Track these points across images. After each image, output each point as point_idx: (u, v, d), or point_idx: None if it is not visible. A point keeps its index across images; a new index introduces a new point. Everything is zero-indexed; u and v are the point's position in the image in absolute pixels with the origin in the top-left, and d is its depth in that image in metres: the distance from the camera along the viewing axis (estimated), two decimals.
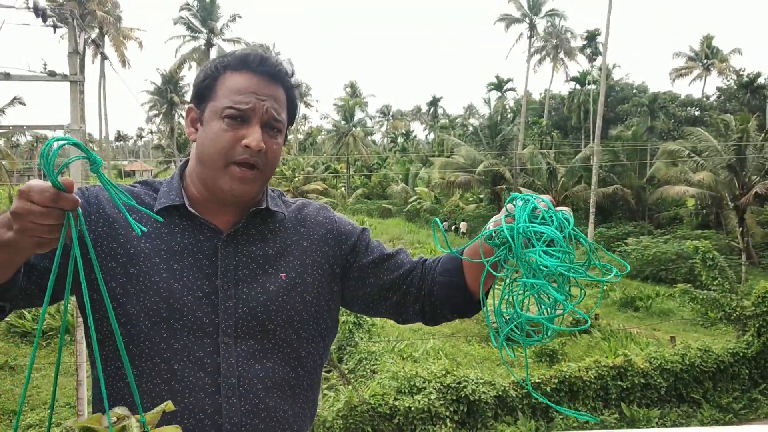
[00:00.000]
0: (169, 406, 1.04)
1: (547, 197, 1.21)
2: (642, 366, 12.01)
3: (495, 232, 1.21)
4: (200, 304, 1.30)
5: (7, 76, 8.30)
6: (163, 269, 1.30)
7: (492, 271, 1.21)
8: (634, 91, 53.12)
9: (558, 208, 1.21)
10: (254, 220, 1.40)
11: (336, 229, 1.50)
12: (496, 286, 1.22)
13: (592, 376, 11.55)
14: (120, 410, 0.98)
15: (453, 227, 39.09)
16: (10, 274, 1.12)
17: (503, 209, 1.26)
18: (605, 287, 22.66)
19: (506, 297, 1.19)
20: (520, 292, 1.17)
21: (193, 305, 1.29)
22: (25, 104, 32.89)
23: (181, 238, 1.34)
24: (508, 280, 1.19)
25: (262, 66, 1.34)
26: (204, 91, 1.35)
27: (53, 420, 1.08)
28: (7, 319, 16.91)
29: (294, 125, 1.46)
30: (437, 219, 1.34)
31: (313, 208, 1.52)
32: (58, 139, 0.91)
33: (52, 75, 8.24)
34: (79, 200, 0.97)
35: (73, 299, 1.33)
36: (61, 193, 0.94)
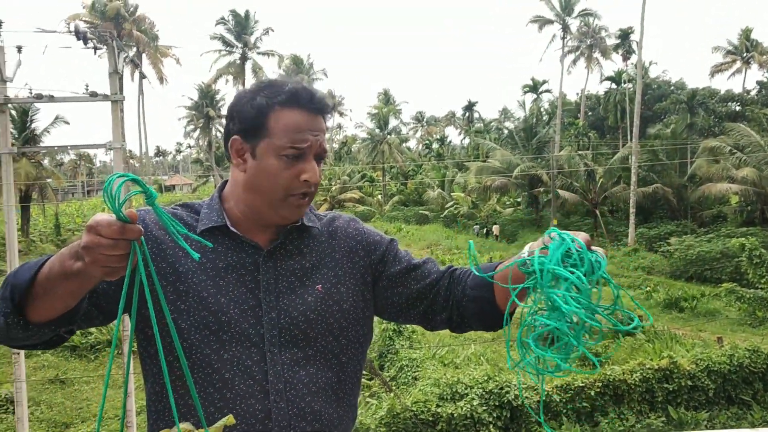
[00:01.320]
0: (230, 420, 1.10)
1: (583, 237, 1.24)
2: (688, 368, 11.79)
3: (527, 262, 1.24)
4: (246, 317, 1.39)
5: (51, 98, 8.56)
6: (210, 285, 1.39)
7: (517, 301, 1.24)
8: (672, 88, 52.24)
9: (594, 248, 1.24)
10: (291, 235, 1.49)
11: (365, 240, 1.58)
12: (523, 311, 1.26)
13: (637, 379, 11.37)
14: (185, 426, 1.04)
15: (485, 230, 38.93)
16: (78, 300, 1.20)
17: (540, 239, 1.29)
18: (647, 288, 22.42)
19: (527, 326, 1.21)
20: (540, 326, 1.19)
21: (239, 318, 1.38)
22: (68, 123, 33.74)
23: (224, 255, 1.43)
24: (532, 311, 1.21)
25: (312, 103, 1.41)
26: (255, 127, 1.40)
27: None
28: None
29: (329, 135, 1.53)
30: (471, 243, 1.34)
31: (343, 220, 1.61)
32: (119, 176, 0.98)
33: (93, 96, 8.47)
34: (142, 230, 1.04)
35: (127, 318, 1.41)
36: (126, 225, 1.01)
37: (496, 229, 37.93)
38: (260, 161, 1.40)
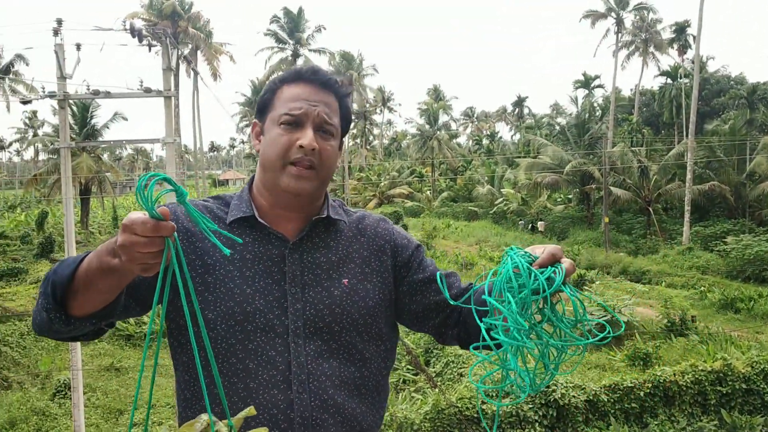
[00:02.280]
0: (251, 411, 1.12)
1: (549, 250, 1.25)
2: (743, 370, 11.47)
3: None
4: (271, 308, 1.42)
5: (107, 95, 8.83)
6: (236, 276, 1.43)
7: (483, 328, 1.25)
8: (731, 83, 50.65)
9: (564, 261, 1.24)
10: (317, 228, 1.51)
11: (393, 240, 1.59)
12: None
13: (689, 381, 11.12)
14: (206, 417, 1.07)
15: (530, 226, 38.55)
16: (116, 294, 1.26)
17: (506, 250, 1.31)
18: (702, 288, 21.85)
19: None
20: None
21: (264, 308, 1.41)
22: (126, 119, 34.61)
23: (252, 246, 1.46)
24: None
25: (314, 75, 1.47)
26: (265, 105, 1.50)
27: (152, 419, 1.21)
28: None
29: (376, 124, 1.55)
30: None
31: (372, 219, 1.63)
32: (151, 176, 1.02)
33: (147, 91, 8.71)
34: (175, 227, 1.07)
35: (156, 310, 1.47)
36: (160, 223, 1.04)
37: (541, 225, 37.57)
38: (266, 134, 1.47)
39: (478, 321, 1.25)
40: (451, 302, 1.41)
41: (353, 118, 1.66)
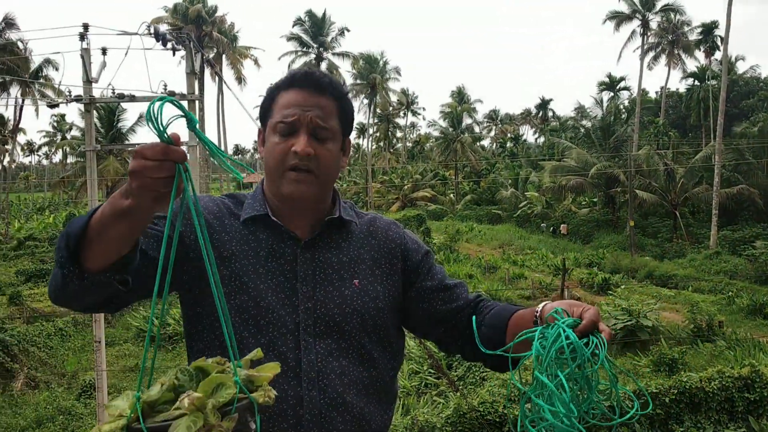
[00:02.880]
0: (258, 353, 1.13)
1: (589, 317, 1.23)
2: None
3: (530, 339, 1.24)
4: (283, 304, 1.44)
5: (132, 98, 8.94)
6: (251, 271, 1.45)
7: (517, 384, 1.26)
8: (761, 84, 49.93)
9: (602, 328, 1.22)
10: (329, 228, 1.53)
11: (404, 244, 1.60)
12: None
13: (715, 387, 10.93)
14: (217, 358, 1.08)
15: (552, 229, 38.32)
16: (131, 245, 1.21)
17: (557, 302, 1.30)
18: (729, 293, 21.52)
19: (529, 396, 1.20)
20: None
21: (276, 305, 1.43)
22: None
23: (265, 244, 1.48)
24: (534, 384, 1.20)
25: (306, 80, 1.47)
26: (264, 113, 1.52)
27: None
28: (135, 324, 17.96)
29: (399, 127, 1.53)
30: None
31: (383, 222, 1.63)
32: (160, 99, 1.00)
33: (171, 95, 8.77)
34: (187, 154, 1.06)
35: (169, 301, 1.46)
36: (170, 147, 1.03)
37: (564, 228, 37.36)
38: (267, 142, 1.49)
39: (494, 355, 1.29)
40: (483, 350, 1.35)
41: (375, 121, 1.66)
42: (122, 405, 0.99)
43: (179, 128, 1.06)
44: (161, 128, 1.00)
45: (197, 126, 1.07)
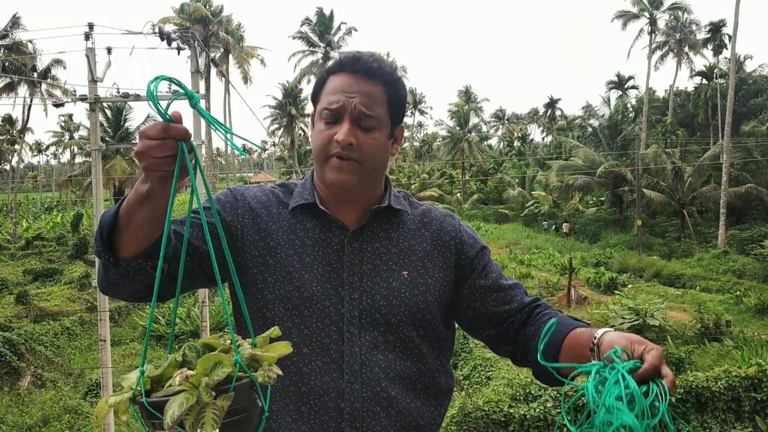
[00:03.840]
0: (276, 332, 1.12)
1: (651, 360, 1.12)
2: None
3: (586, 376, 1.15)
4: (328, 295, 1.41)
5: (137, 97, 8.96)
6: (296, 261, 1.43)
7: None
8: None
9: (665, 373, 1.11)
10: (378, 218, 1.49)
11: (459, 237, 1.54)
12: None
13: (722, 387, 10.88)
14: (236, 336, 1.07)
15: (554, 227, 38.26)
16: (159, 230, 1.19)
17: (618, 335, 1.21)
18: (737, 293, 21.41)
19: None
20: None
21: (321, 295, 1.41)
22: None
23: (312, 233, 1.46)
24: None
25: (354, 65, 1.42)
26: (314, 98, 1.48)
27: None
28: (142, 323, 17.99)
29: (406, 126, 1.49)
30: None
31: (438, 213, 1.58)
32: (160, 78, 1.00)
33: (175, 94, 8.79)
34: (189, 132, 1.05)
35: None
36: (170, 125, 1.03)
37: (566, 226, 37.32)
38: (315, 128, 1.46)
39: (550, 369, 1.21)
40: (541, 362, 1.26)
41: None
42: (133, 378, 1.01)
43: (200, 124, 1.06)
44: (160, 107, 1.00)
45: (199, 103, 1.07)
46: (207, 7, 42.59)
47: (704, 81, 48.19)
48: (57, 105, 11.42)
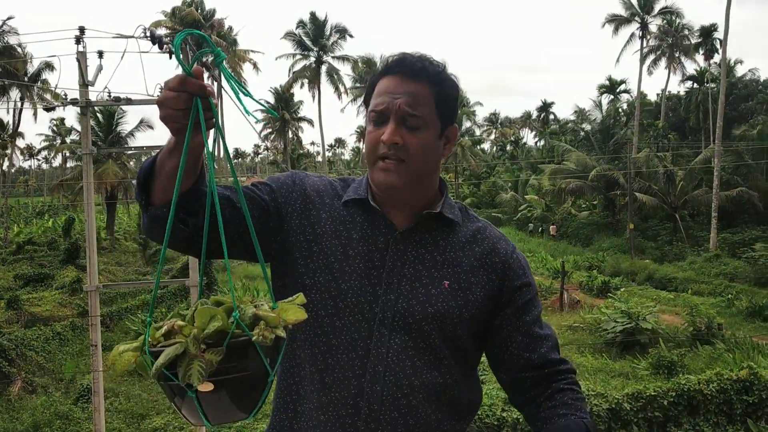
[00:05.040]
0: (300, 299, 1.12)
1: None
2: None
3: None
4: (364, 291, 1.41)
5: (128, 101, 8.92)
6: (339, 252, 1.44)
7: None
8: (760, 87, 49.89)
9: None
10: (428, 223, 1.48)
11: (508, 263, 1.50)
12: None
13: (714, 390, 10.90)
14: (247, 297, 1.09)
15: (540, 229, 38.41)
16: (188, 182, 1.25)
17: None
18: (730, 296, 21.47)
19: None
20: None
21: (357, 290, 1.41)
22: (153, 127, 34.79)
23: (360, 227, 1.46)
24: None
25: (399, 66, 1.42)
26: (366, 101, 1.49)
27: (174, 424, 1.16)
28: (134, 328, 17.92)
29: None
30: None
31: (494, 232, 1.55)
32: (187, 32, 1.03)
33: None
34: (207, 87, 1.08)
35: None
36: (188, 78, 1.05)
37: (553, 229, 37.45)
38: (366, 130, 1.47)
39: None
40: None
41: None
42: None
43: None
44: (181, 59, 1.04)
45: (224, 63, 1.09)
46: (199, 11, 42.53)
47: (695, 85, 48.48)
48: (48, 109, 11.36)
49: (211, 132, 1.13)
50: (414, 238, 1.45)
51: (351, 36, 49.18)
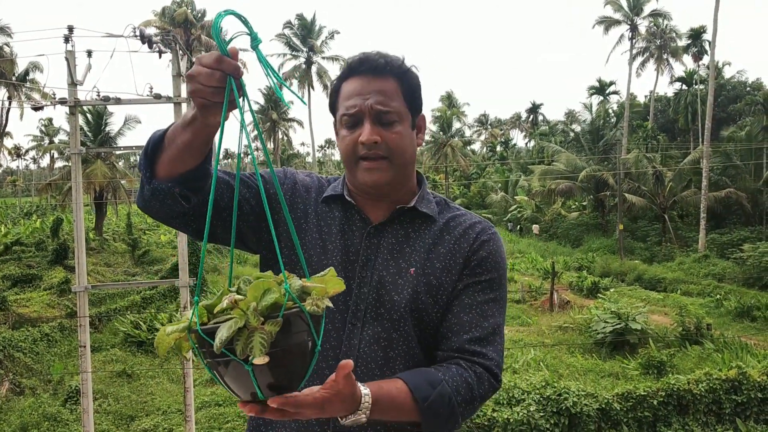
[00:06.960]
0: (332, 272, 1.13)
1: None
2: (759, 379, 11.28)
3: None
4: None
5: (117, 101, 8.86)
6: (318, 246, 1.49)
7: None
8: (748, 89, 50.21)
9: None
10: (402, 217, 1.51)
11: (474, 246, 1.49)
12: None
13: (703, 390, 10.95)
14: (288, 274, 1.09)
15: (519, 228, 38.60)
16: (195, 160, 1.28)
17: None
18: (718, 296, 21.58)
19: None
20: None
21: None
22: (140, 122, 34.36)
23: (339, 222, 1.51)
24: None
25: (363, 66, 1.45)
26: (332, 108, 1.51)
27: (163, 425, 1.15)
28: (123, 329, 17.85)
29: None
30: None
31: (469, 220, 1.54)
32: (227, 12, 1.04)
33: (157, 98, 8.73)
34: (241, 69, 1.10)
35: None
36: (224, 57, 1.08)
37: (536, 228, 37.58)
38: (338, 135, 1.50)
39: None
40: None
41: None
42: (189, 314, 1.05)
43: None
44: (220, 38, 1.06)
45: (259, 46, 1.10)
46: (189, 9, 42.36)
47: (684, 87, 48.69)
48: (36, 108, 11.26)
49: (246, 113, 1.14)
50: (387, 231, 1.49)
51: (338, 33, 49.16)
